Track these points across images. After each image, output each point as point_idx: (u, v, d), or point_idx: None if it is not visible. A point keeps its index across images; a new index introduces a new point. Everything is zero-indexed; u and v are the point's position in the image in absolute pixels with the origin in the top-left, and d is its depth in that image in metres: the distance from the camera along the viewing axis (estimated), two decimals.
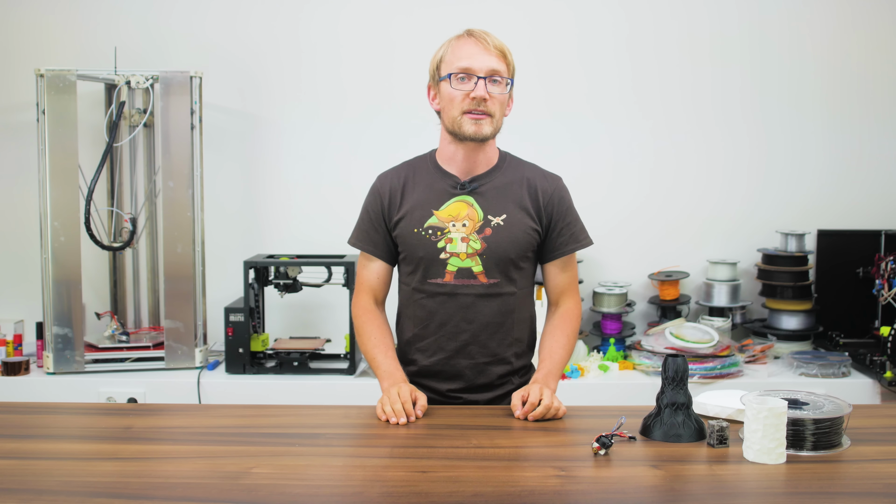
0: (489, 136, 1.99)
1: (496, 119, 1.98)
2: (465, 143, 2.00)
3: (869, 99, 3.57)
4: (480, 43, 1.96)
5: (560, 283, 2.11)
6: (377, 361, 2.04)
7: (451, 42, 2.00)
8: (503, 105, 2.00)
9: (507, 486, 1.50)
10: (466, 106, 1.95)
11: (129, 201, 3.44)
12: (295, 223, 3.58)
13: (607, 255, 3.58)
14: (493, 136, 2.01)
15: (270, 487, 1.50)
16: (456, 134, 1.99)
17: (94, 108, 3.44)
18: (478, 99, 1.94)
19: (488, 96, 1.94)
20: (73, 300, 3.13)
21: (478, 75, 1.94)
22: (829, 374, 3.11)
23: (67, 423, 1.95)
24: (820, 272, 3.51)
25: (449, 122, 2.00)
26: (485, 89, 1.94)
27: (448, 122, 2.00)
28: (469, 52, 1.95)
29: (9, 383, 3.07)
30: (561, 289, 2.11)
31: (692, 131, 3.58)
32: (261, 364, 3.19)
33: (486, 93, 1.94)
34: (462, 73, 1.95)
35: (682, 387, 1.77)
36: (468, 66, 1.94)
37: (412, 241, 2.03)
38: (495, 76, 1.95)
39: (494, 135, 2.01)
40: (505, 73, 1.97)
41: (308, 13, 3.53)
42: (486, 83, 1.94)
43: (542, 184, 2.07)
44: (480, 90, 1.94)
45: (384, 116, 3.54)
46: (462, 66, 1.95)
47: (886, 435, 1.80)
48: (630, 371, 3.23)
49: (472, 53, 1.95)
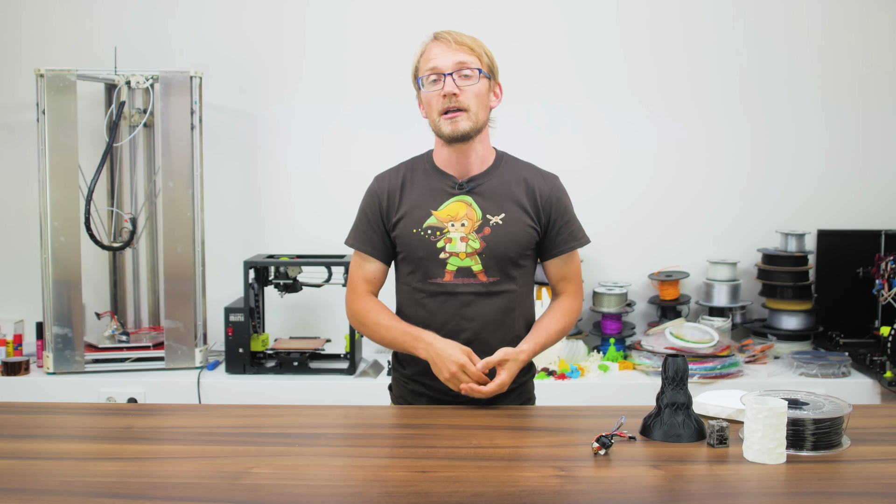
0: (469, 132, 1.98)
1: (473, 112, 1.98)
2: (454, 144, 2.01)
3: (869, 99, 3.57)
4: (443, 42, 1.99)
5: (562, 280, 2.12)
6: (400, 331, 2.01)
7: (421, 49, 2.03)
8: (480, 96, 1.99)
9: (507, 486, 1.51)
10: (441, 106, 1.97)
11: (129, 201, 3.44)
12: (295, 223, 3.58)
13: (608, 253, 3.57)
14: (475, 130, 2.00)
15: (270, 487, 1.50)
16: (439, 136, 2.02)
17: (94, 108, 3.44)
18: (448, 95, 1.96)
19: (458, 90, 1.96)
20: (73, 300, 3.13)
21: (445, 72, 1.96)
22: (829, 374, 3.11)
23: (67, 423, 1.95)
24: (820, 272, 3.51)
25: (433, 126, 2.03)
26: (453, 84, 1.95)
27: (432, 126, 2.03)
28: (435, 53, 1.98)
29: (9, 383, 3.07)
30: (563, 285, 2.13)
31: (692, 127, 3.57)
32: (261, 364, 3.19)
33: (455, 87, 1.95)
34: (431, 74, 1.98)
35: (682, 387, 1.77)
36: (434, 65, 1.97)
37: (411, 242, 2.03)
38: (464, 69, 1.97)
39: (476, 130, 2.00)
40: (475, 65, 1.98)
41: (308, 13, 3.53)
42: (455, 77, 1.96)
43: (539, 183, 2.07)
44: (449, 86, 1.95)
45: (385, 116, 3.53)
46: (429, 66, 1.98)
47: (886, 435, 1.80)
48: (630, 371, 3.22)
49: (437, 54, 1.98)
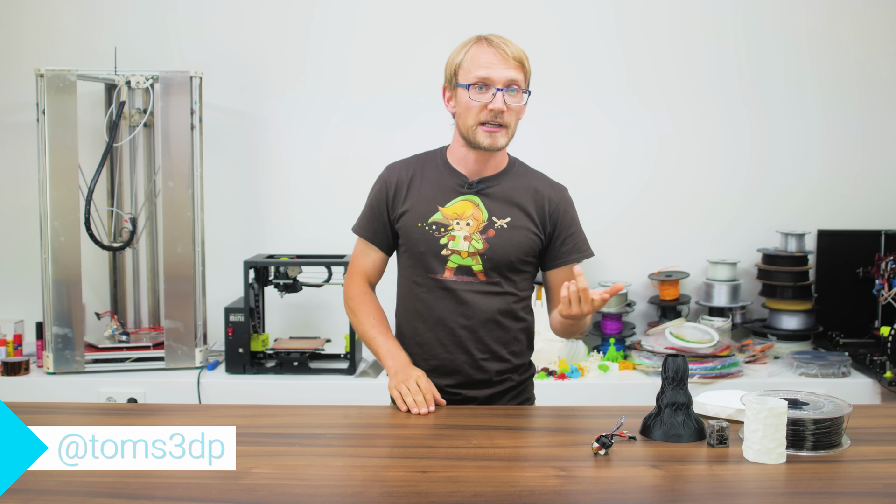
0: (503, 147, 2.00)
1: (511, 130, 1.98)
2: (479, 150, 2.00)
3: (870, 99, 3.57)
4: (500, 53, 1.93)
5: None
6: (377, 342, 2.06)
7: (470, 48, 1.96)
8: (520, 115, 2.00)
9: (507, 486, 1.51)
10: (483, 117, 1.94)
11: (129, 201, 3.44)
12: (295, 223, 3.58)
13: (608, 253, 3.56)
14: (507, 145, 2.01)
15: (270, 487, 1.50)
16: (469, 142, 1.99)
17: (94, 108, 3.44)
18: (495, 111, 1.92)
19: (506, 108, 1.93)
20: (73, 300, 3.13)
21: (496, 87, 1.92)
22: (829, 374, 3.11)
23: (67, 423, 1.94)
24: (820, 272, 3.50)
25: (464, 129, 1.98)
26: (503, 101, 1.92)
27: (463, 129, 1.99)
28: (487, 61, 1.92)
29: (9, 383, 3.07)
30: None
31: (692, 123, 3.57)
32: (261, 364, 3.19)
33: (503, 105, 1.92)
34: (480, 83, 1.93)
35: (682, 387, 1.77)
36: (487, 75, 1.92)
37: (415, 235, 2.03)
38: (513, 86, 1.93)
39: (508, 144, 2.01)
40: (522, 84, 1.96)
41: (308, 13, 3.53)
42: (504, 95, 1.92)
43: (548, 192, 2.07)
44: (498, 102, 1.91)
45: (385, 115, 3.53)
46: (480, 75, 1.92)
47: (886, 435, 1.80)
48: (630, 371, 3.22)
49: (490, 63, 1.92)
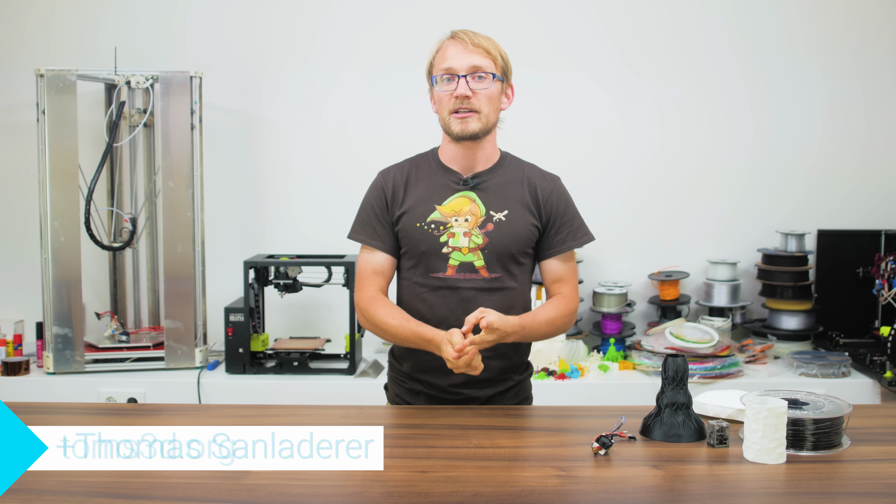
0: (478, 133, 2.02)
1: (484, 115, 2.01)
2: (462, 142, 2.04)
3: (871, 99, 3.57)
4: (460, 43, 2.01)
5: (557, 282, 2.11)
6: (415, 332, 1.97)
7: (439, 46, 2.05)
8: (492, 99, 2.03)
9: (507, 486, 1.51)
10: (452, 105, 2.01)
11: (129, 201, 3.44)
12: (295, 223, 3.58)
13: (608, 253, 3.57)
14: (484, 131, 2.03)
15: (270, 487, 1.51)
16: (448, 134, 2.05)
17: (94, 108, 3.44)
18: (460, 97, 1.99)
19: (471, 93, 1.99)
20: (73, 300, 3.13)
21: (459, 74, 1.99)
22: (829, 374, 3.11)
23: (67, 423, 1.94)
24: (820, 272, 3.51)
25: (442, 122, 2.06)
26: (466, 87, 1.98)
27: (441, 122, 2.06)
28: (451, 53, 2.01)
29: (9, 383, 3.07)
30: (558, 287, 2.11)
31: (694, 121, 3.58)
32: (261, 364, 3.19)
33: (467, 90, 1.98)
34: (445, 74, 2.01)
35: (682, 387, 1.77)
36: (449, 66, 2.00)
37: (414, 236, 2.05)
38: (478, 72, 2.00)
39: (485, 131, 2.03)
40: (490, 69, 2.01)
41: (308, 13, 3.53)
42: (469, 80, 1.99)
43: (541, 183, 2.10)
44: (462, 88, 1.98)
45: (386, 116, 3.53)
46: (444, 66, 2.01)
47: (886, 435, 1.81)
48: (630, 371, 3.22)
49: (453, 54, 2.01)
